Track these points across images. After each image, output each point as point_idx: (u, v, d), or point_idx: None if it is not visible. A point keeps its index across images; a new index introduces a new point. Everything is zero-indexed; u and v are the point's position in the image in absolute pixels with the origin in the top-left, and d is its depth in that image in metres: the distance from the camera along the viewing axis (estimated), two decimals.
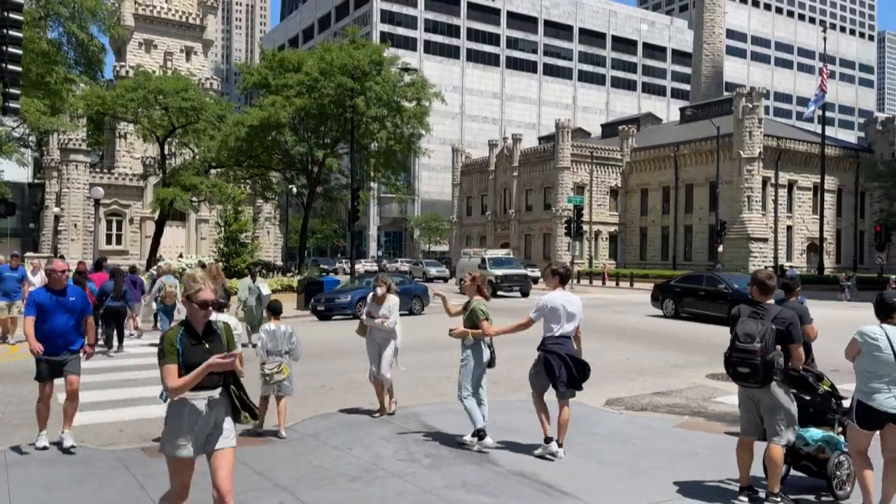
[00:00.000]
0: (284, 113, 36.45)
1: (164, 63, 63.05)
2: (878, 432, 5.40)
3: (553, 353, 6.99)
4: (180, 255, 48.82)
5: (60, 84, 26.20)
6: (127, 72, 58.30)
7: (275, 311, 8.49)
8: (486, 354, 7.59)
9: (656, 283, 28.67)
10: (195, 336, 4.30)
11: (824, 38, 56.29)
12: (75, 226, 57.83)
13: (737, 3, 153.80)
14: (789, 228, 61.61)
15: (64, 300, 7.26)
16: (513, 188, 72.37)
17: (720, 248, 48.87)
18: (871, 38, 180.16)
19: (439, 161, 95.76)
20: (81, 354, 7.56)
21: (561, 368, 6.95)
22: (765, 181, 58.79)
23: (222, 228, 35.95)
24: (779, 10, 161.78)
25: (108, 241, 59.11)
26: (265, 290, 15.65)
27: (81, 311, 7.43)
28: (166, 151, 41.70)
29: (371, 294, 9.35)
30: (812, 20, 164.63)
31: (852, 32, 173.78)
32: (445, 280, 54.95)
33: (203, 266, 18.33)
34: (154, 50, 64.88)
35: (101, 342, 14.48)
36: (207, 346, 4.29)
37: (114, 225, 60.80)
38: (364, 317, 9.19)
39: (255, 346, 9.72)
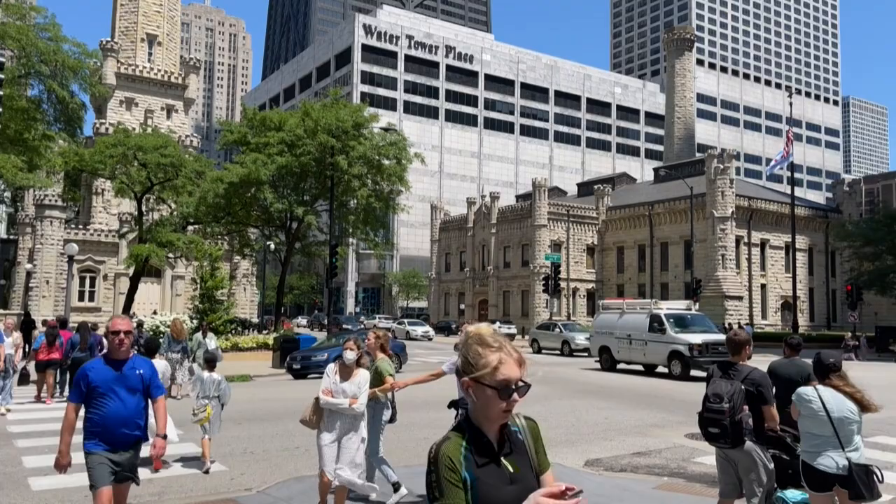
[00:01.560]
0: (265, 170, 36.62)
1: (144, 120, 63.39)
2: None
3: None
4: (154, 312, 48.12)
5: (39, 141, 26.21)
6: (107, 129, 58.46)
7: (210, 361, 9.53)
8: (388, 413, 7.90)
9: None
10: (488, 451, 2.32)
11: (790, 104, 58.25)
12: (47, 282, 56.90)
13: (706, 69, 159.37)
14: (763, 286, 62.44)
15: (128, 374, 5.39)
16: (491, 245, 72.87)
17: (696, 307, 49.24)
18: (835, 102, 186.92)
19: (418, 217, 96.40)
20: (149, 451, 5.77)
21: None
22: (738, 240, 59.85)
23: (198, 285, 35.57)
24: (746, 76, 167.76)
25: (81, 298, 58.11)
26: (212, 345, 17.15)
27: (149, 389, 5.51)
28: (143, 207, 41.53)
29: (334, 364, 7.11)
30: (778, 86, 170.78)
31: (817, 97, 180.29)
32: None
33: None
34: (135, 108, 65.30)
35: (66, 393, 15.35)
36: (511, 469, 2.33)
37: (87, 281, 59.91)
38: (321, 395, 6.84)
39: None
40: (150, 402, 5.53)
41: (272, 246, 46.84)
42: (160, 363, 10.59)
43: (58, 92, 26.01)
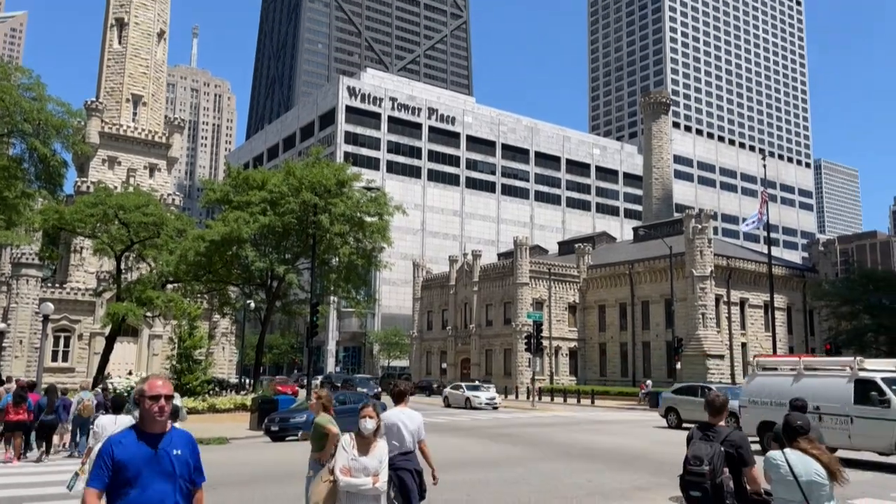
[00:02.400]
0: (247, 228, 36.62)
1: (126, 179, 63.48)
2: None
3: (403, 469, 7.27)
4: (129, 373, 47.16)
5: (18, 198, 26.08)
6: (88, 187, 58.39)
7: (174, 413, 10.58)
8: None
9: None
10: None
11: (764, 166, 59.72)
12: (21, 342, 55.72)
13: (682, 132, 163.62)
14: (744, 345, 62.66)
15: (164, 453, 4.20)
16: (473, 303, 72.76)
17: (678, 365, 49.25)
18: (808, 165, 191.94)
19: (400, 275, 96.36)
20: None
21: (413, 483, 7.29)
22: (717, 299, 60.32)
23: (176, 345, 35.03)
24: (721, 139, 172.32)
25: (54, 359, 56.87)
26: (177, 402, 17.29)
27: (190, 475, 4.33)
28: (122, 266, 41.18)
29: (349, 436, 6.33)
30: (752, 148, 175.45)
31: (790, 160, 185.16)
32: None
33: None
34: (118, 166, 65.44)
35: (31, 454, 16.12)
36: None
37: (61, 341, 58.76)
38: (339, 475, 6.02)
39: None
40: (188, 490, 4.28)
41: (252, 304, 46.45)
42: (126, 418, 10.56)
43: (40, 150, 26.06)
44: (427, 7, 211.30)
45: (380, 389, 47.71)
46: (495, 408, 41.57)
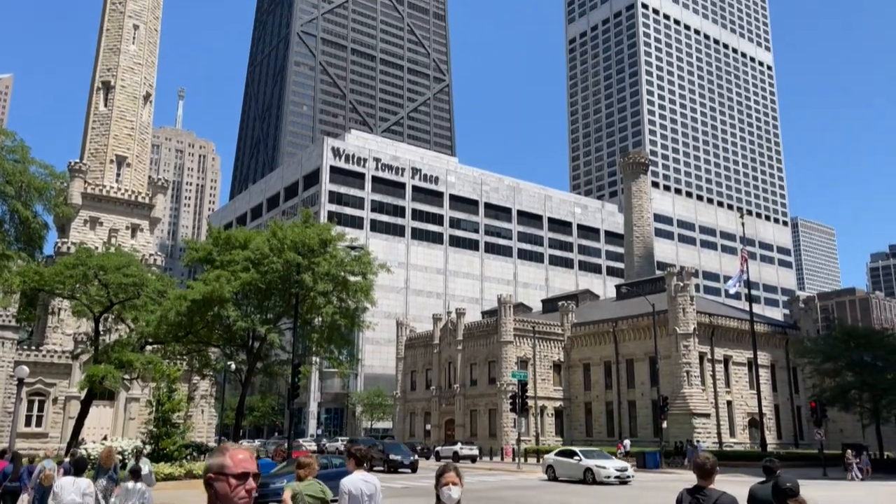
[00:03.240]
0: (229, 288, 36.32)
1: (108, 239, 63.08)
2: None
3: None
4: (104, 438, 45.87)
5: None
6: (69, 248, 57.93)
7: (135, 473, 10.99)
8: None
9: None
10: None
11: (742, 224, 60.89)
12: None
13: (661, 191, 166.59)
14: (729, 403, 62.37)
15: None
16: (457, 362, 72.15)
17: (664, 424, 48.81)
18: (785, 223, 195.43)
19: (383, 334, 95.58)
20: None
21: None
22: (701, 356, 60.30)
23: (154, 408, 34.25)
24: (699, 198, 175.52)
25: (28, 423, 55.23)
26: (145, 469, 17.60)
27: None
28: (101, 327, 40.53)
29: None
30: (730, 206, 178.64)
31: (767, 218, 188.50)
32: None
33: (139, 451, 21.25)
34: (99, 227, 65.12)
35: None
36: None
37: (35, 406, 57.21)
38: None
39: None
40: None
41: (233, 366, 45.71)
42: (85, 481, 11.17)
43: (21, 212, 25.95)
44: (411, 71, 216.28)
45: (416, 457, 42.84)
46: (625, 482, 32.14)
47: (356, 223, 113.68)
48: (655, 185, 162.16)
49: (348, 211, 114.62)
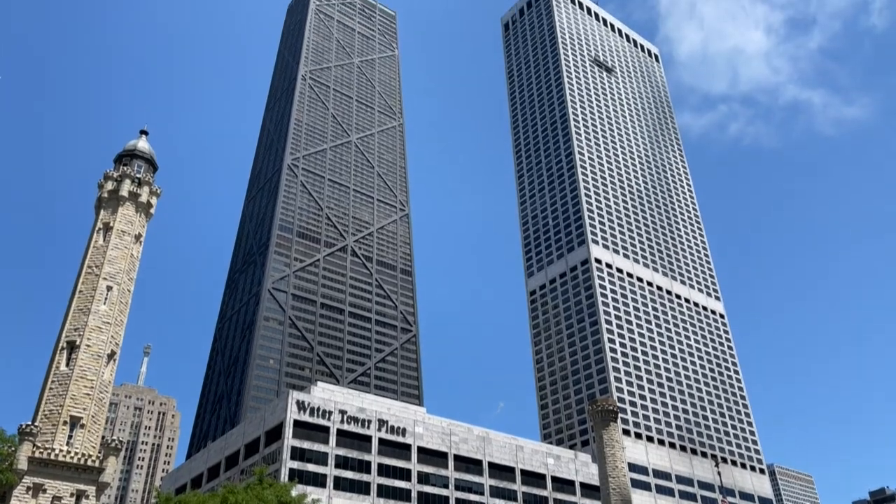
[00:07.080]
0: None
1: None
2: None
3: None
4: None
5: None
6: None
7: None
8: None
9: None
10: None
11: (718, 473, 59.40)
12: None
13: (633, 439, 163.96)
14: None
15: None
16: None
17: None
18: (762, 471, 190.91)
19: None
20: None
21: None
22: None
23: None
24: (672, 445, 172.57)
25: None
26: None
27: None
28: None
29: None
30: (704, 454, 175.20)
31: (744, 465, 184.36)
32: None
33: None
34: (42, 494, 60.66)
35: None
36: None
37: None
38: None
39: None
40: None
41: None
42: None
43: None
44: (378, 322, 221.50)
45: None
46: None
47: (319, 481, 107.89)
48: (626, 432, 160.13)
49: (311, 468, 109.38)
